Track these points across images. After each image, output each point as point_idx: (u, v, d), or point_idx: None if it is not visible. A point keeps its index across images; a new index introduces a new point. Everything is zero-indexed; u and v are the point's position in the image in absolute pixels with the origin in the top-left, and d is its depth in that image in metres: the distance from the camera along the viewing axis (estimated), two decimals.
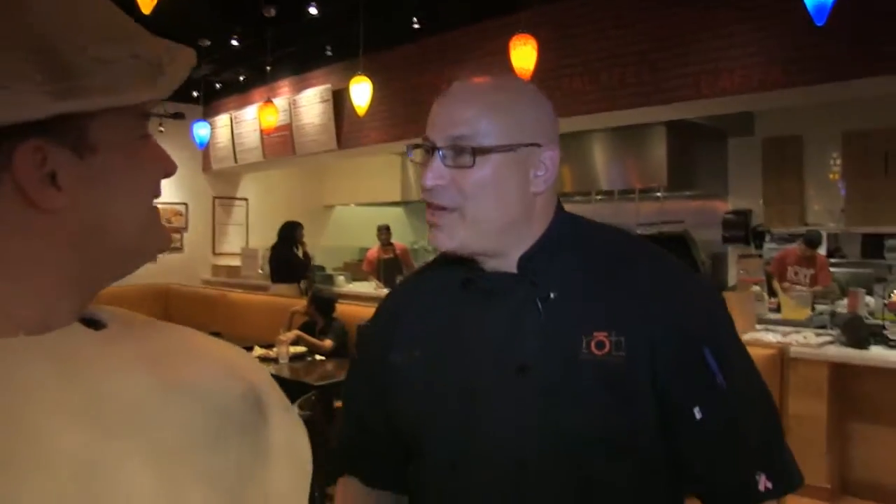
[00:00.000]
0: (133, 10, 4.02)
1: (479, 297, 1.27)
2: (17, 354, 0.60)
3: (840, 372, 4.95)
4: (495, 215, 1.21)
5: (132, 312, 0.76)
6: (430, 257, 7.13)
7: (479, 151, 1.18)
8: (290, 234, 8.99)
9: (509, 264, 1.25)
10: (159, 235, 0.75)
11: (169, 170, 0.75)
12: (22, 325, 0.63)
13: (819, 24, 4.32)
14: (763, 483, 1.17)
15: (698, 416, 1.16)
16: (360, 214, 12.66)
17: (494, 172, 1.20)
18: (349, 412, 1.47)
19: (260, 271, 10.26)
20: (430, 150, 1.23)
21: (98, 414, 0.59)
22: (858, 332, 5.05)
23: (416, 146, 1.29)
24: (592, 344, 1.17)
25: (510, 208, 1.22)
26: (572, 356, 1.17)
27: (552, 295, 1.21)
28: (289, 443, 0.72)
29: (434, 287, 1.36)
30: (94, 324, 0.71)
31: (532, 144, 1.22)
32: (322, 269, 10.40)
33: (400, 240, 10.90)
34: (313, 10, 7.17)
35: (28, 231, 0.64)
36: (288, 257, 8.94)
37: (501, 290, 1.25)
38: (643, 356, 1.16)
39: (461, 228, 1.21)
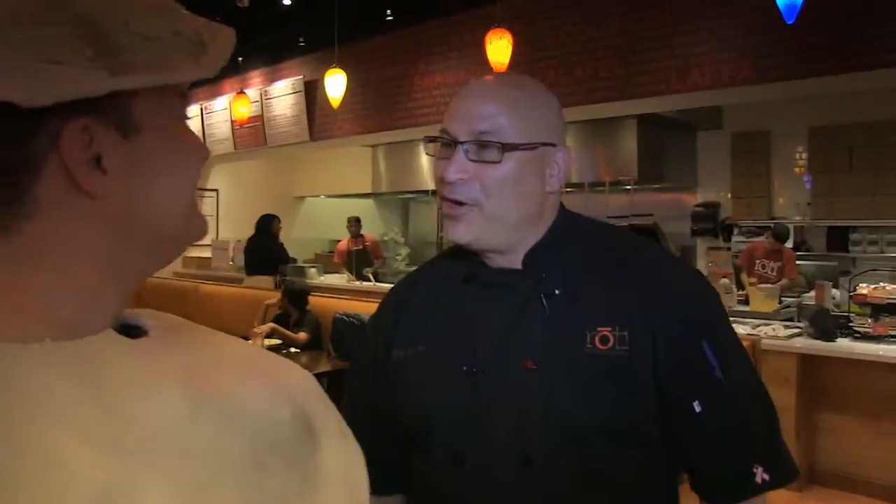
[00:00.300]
0: None
1: (482, 292, 1.28)
2: (38, 363, 0.55)
3: (808, 363, 5.06)
4: (513, 212, 1.23)
5: (179, 318, 0.72)
6: (401, 249, 7.17)
7: (507, 147, 1.20)
8: (268, 225, 8.95)
9: (514, 261, 1.27)
10: (200, 222, 0.72)
11: (205, 155, 0.72)
12: (56, 325, 0.59)
13: (789, 23, 4.40)
14: (760, 475, 1.19)
15: (698, 409, 1.19)
16: (331, 206, 12.62)
17: (516, 169, 1.21)
18: (357, 418, 1.46)
19: (231, 263, 10.20)
20: (451, 143, 1.23)
21: (119, 435, 0.54)
22: (825, 325, 5.16)
23: (433, 139, 1.28)
24: (597, 339, 1.19)
25: (527, 206, 1.24)
26: (577, 351, 1.19)
27: (557, 291, 1.23)
28: (345, 473, 0.66)
29: (436, 282, 1.37)
30: (134, 330, 0.67)
31: (549, 144, 1.25)
32: (293, 260, 10.38)
33: (370, 231, 10.89)
34: (287, 1, 7.15)
35: (70, 217, 0.61)
36: (269, 248, 8.90)
37: (505, 286, 1.27)
38: (645, 350, 1.18)
39: (479, 223, 1.22)
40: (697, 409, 1.19)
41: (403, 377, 1.31)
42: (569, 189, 9.12)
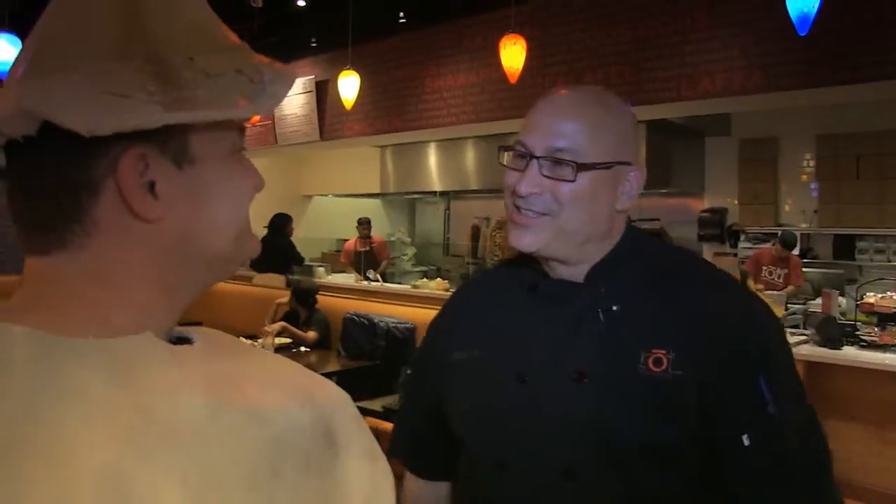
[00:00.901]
0: None
1: (540, 302, 1.30)
2: (77, 354, 0.59)
3: (813, 371, 5.08)
4: (584, 227, 1.24)
5: (228, 336, 0.75)
6: (408, 249, 7.15)
7: (582, 167, 1.20)
8: (283, 225, 8.97)
9: (577, 273, 1.28)
10: (250, 245, 0.75)
11: (259, 184, 0.75)
12: (118, 331, 0.63)
13: (802, 34, 4.43)
14: None
15: (746, 442, 1.16)
16: (338, 205, 12.64)
17: (590, 187, 1.22)
18: (411, 409, 1.54)
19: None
20: (526, 156, 1.24)
21: (139, 431, 0.57)
22: (832, 333, 5.18)
23: (508, 148, 1.29)
24: (650, 360, 1.18)
25: (597, 222, 1.25)
26: (629, 369, 1.18)
27: (615, 307, 1.23)
28: (368, 494, 0.67)
29: (496, 288, 1.40)
30: (183, 342, 0.70)
31: (624, 163, 1.25)
32: (301, 259, 10.41)
33: (377, 231, 10.92)
34: (301, 2, 7.18)
35: (125, 238, 0.65)
36: (283, 247, 8.91)
37: (564, 298, 1.28)
38: (699, 376, 1.16)
39: (549, 233, 1.23)
40: (746, 443, 1.16)
41: (458, 379, 1.34)
42: None
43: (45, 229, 0.65)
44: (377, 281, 8.16)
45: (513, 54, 5.87)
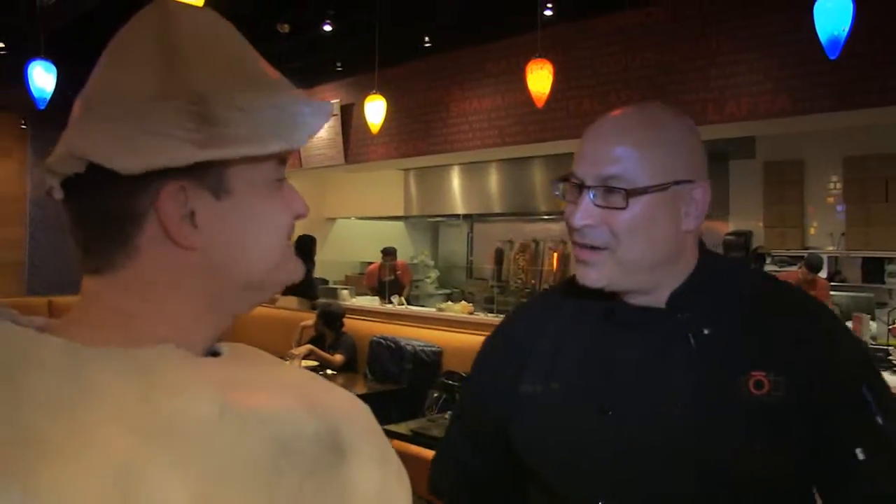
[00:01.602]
0: None
1: (623, 331, 1.24)
2: (104, 362, 0.63)
3: None
4: (647, 255, 1.19)
5: (257, 350, 0.78)
6: (431, 272, 7.14)
7: (631, 193, 1.15)
8: (309, 248, 8.96)
9: (657, 300, 1.23)
10: (289, 270, 0.78)
11: (300, 212, 0.78)
12: (146, 343, 0.67)
13: (833, 58, 4.41)
14: None
15: (861, 456, 1.13)
16: (362, 228, 12.69)
17: (646, 212, 1.16)
18: (462, 445, 1.46)
19: None
20: (579, 187, 1.20)
21: (149, 425, 0.61)
22: None
23: (563, 180, 1.25)
24: (751, 384, 1.14)
25: (661, 247, 1.20)
26: (730, 395, 1.14)
27: (706, 331, 1.18)
28: (379, 499, 0.68)
29: (571, 318, 1.31)
30: (213, 355, 0.75)
31: (683, 181, 1.18)
32: (325, 281, 10.43)
33: (401, 254, 10.96)
34: (327, 28, 7.25)
35: (165, 262, 0.70)
36: (309, 270, 8.91)
37: (647, 324, 1.22)
38: (804, 396, 1.13)
39: (611, 267, 1.19)
40: (861, 456, 1.13)
41: (534, 414, 1.27)
42: None
43: (97, 252, 0.70)
44: (402, 305, 8.17)
45: (540, 78, 5.89)
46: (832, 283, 7.89)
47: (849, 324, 6.29)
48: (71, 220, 0.71)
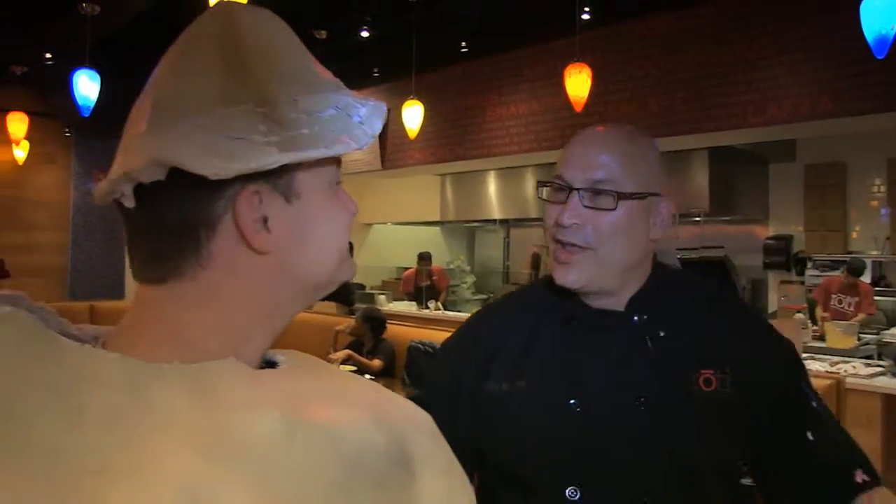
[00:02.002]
0: None
1: (585, 333, 1.34)
2: (165, 379, 0.63)
3: (893, 404, 4.94)
4: (623, 257, 1.31)
5: (316, 359, 0.78)
6: (467, 277, 7.16)
7: (622, 196, 1.27)
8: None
9: (617, 302, 1.34)
10: (346, 269, 0.79)
11: (354, 211, 0.79)
12: (206, 356, 0.66)
13: (880, 57, 4.33)
14: (860, 476, 1.30)
15: (811, 437, 1.30)
16: (398, 233, 12.73)
17: (628, 217, 1.29)
18: None
19: None
20: (565, 189, 1.31)
21: (216, 445, 0.60)
22: None
23: (547, 183, 1.36)
24: (701, 381, 1.28)
25: (635, 251, 1.32)
26: (684, 391, 1.28)
27: (661, 333, 1.31)
28: None
29: (534, 319, 1.40)
30: (270, 365, 0.74)
31: (656, 194, 1.33)
32: (362, 287, 10.47)
33: (436, 259, 10.97)
34: (365, 34, 7.29)
35: (236, 269, 0.70)
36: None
37: (608, 327, 1.34)
38: (751, 393, 1.29)
39: (591, 267, 1.30)
40: (811, 437, 1.30)
41: (501, 412, 1.34)
42: None
43: (165, 261, 0.70)
44: (438, 310, 8.17)
45: (578, 83, 5.86)
46: (876, 288, 7.77)
47: (893, 330, 6.19)
48: (136, 229, 0.71)
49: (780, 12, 5.99)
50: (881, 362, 5.48)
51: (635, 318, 1.33)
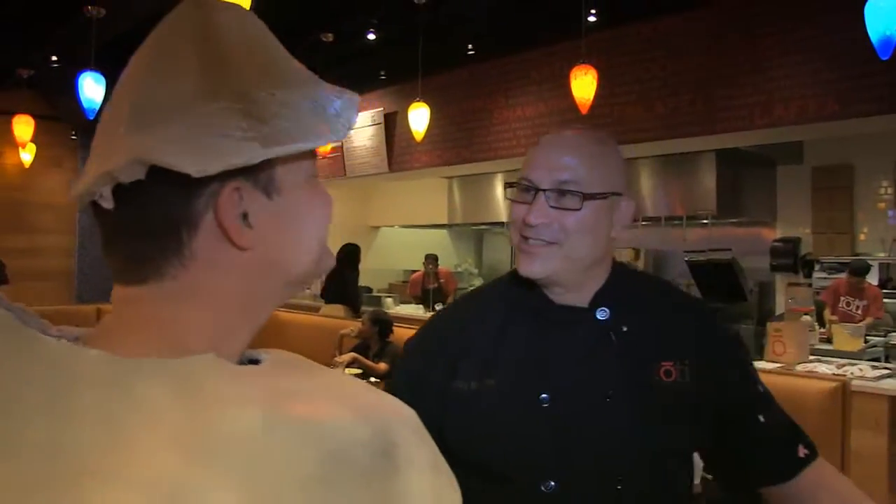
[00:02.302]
0: None
1: (552, 329, 1.39)
2: (148, 375, 0.63)
3: None
4: (588, 253, 1.37)
5: (300, 357, 0.76)
6: (475, 280, 7.17)
7: (587, 196, 1.33)
8: (354, 256, 8.98)
9: (580, 298, 1.40)
10: (325, 261, 0.79)
11: (330, 203, 0.79)
12: (188, 352, 0.66)
13: (884, 58, 4.32)
14: (801, 451, 1.42)
15: (762, 419, 1.42)
16: (406, 236, 12.74)
17: (592, 216, 1.34)
18: None
19: (308, 291, 10.34)
20: (532, 190, 1.36)
21: (198, 441, 0.60)
22: None
23: (513, 184, 1.41)
24: (662, 372, 1.36)
25: (598, 248, 1.38)
26: (647, 382, 1.35)
27: (624, 328, 1.38)
28: None
29: (500, 317, 1.42)
30: (253, 362, 0.73)
31: (618, 193, 1.39)
32: (369, 290, 10.47)
33: (444, 262, 10.96)
34: (371, 36, 7.30)
35: (218, 266, 0.70)
36: (354, 279, 8.94)
37: (575, 322, 1.39)
38: (707, 381, 1.37)
39: (556, 261, 1.35)
40: (762, 419, 1.42)
41: (472, 410, 1.36)
42: (645, 223, 9.07)
43: (145, 262, 0.70)
44: None
45: (584, 84, 5.86)
46: (884, 290, 7.73)
47: None
48: (114, 231, 0.71)
49: (785, 13, 5.98)
50: (888, 365, 5.47)
51: (598, 313, 1.38)
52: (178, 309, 0.70)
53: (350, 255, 9.02)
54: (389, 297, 10.12)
